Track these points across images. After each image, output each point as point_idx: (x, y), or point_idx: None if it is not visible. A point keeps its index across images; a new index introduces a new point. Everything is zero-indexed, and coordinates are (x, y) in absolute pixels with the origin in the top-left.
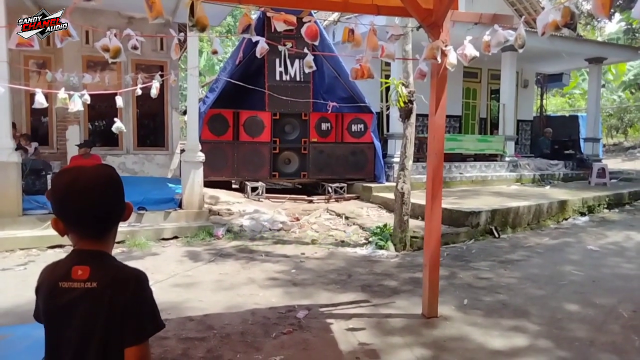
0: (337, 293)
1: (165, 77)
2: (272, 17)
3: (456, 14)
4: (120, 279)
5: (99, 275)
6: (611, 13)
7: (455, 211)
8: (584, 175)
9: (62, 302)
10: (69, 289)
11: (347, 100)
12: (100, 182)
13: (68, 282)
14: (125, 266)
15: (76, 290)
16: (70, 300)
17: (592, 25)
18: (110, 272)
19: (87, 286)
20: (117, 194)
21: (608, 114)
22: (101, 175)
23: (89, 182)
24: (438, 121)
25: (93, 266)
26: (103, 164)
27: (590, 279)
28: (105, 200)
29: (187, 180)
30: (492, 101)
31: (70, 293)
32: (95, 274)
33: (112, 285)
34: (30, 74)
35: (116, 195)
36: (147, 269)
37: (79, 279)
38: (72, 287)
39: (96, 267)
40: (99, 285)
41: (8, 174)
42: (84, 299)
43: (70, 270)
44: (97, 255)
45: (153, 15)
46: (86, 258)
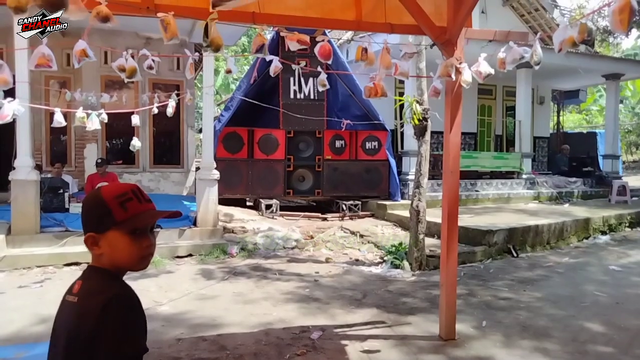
0: (352, 313)
1: (181, 96)
2: (286, 36)
3: (470, 32)
4: (91, 299)
5: (82, 290)
6: (629, 28)
7: (472, 229)
8: (603, 192)
9: (59, 313)
10: (65, 301)
11: (361, 118)
12: (84, 203)
13: (68, 295)
14: (105, 286)
15: (66, 302)
16: (60, 312)
17: (608, 42)
18: (90, 289)
19: (72, 300)
20: (87, 217)
21: (627, 130)
22: (88, 196)
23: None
24: (453, 139)
25: (84, 281)
26: (99, 187)
27: (613, 300)
28: (82, 220)
29: (202, 198)
30: (508, 118)
31: (64, 305)
32: (81, 289)
33: (85, 303)
34: (51, 94)
35: (86, 218)
36: (161, 287)
37: (73, 293)
38: (67, 299)
39: (85, 282)
40: (78, 301)
41: (27, 191)
42: (66, 311)
43: (74, 284)
44: (90, 271)
45: (168, 36)
46: (84, 272)
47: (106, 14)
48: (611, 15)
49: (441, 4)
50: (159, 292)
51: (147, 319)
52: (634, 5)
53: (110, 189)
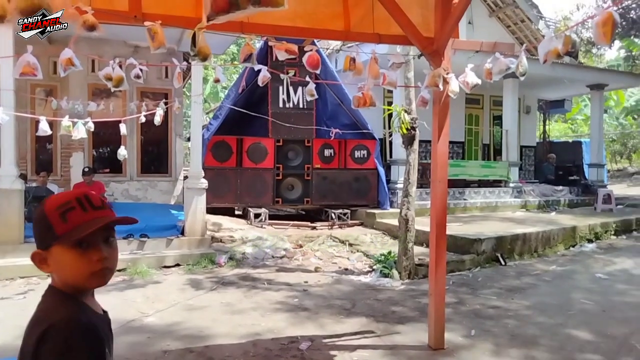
0: (341, 323)
1: (169, 104)
2: (274, 46)
3: (457, 42)
4: (33, 328)
5: (32, 317)
6: (611, 40)
7: (460, 238)
8: (589, 201)
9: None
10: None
11: (350, 127)
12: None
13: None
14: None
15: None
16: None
17: (592, 53)
18: (37, 315)
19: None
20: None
21: (611, 139)
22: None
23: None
24: (441, 148)
25: (38, 304)
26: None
27: (600, 308)
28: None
29: (189, 207)
30: (495, 127)
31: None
32: (33, 315)
33: (27, 334)
34: (37, 102)
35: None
36: (148, 297)
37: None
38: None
39: (38, 305)
40: (25, 330)
41: (11, 201)
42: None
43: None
44: (46, 291)
45: (155, 45)
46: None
47: (92, 22)
48: (594, 28)
49: (428, 15)
50: (146, 302)
51: (133, 330)
52: (616, 19)
53: (53, 199)
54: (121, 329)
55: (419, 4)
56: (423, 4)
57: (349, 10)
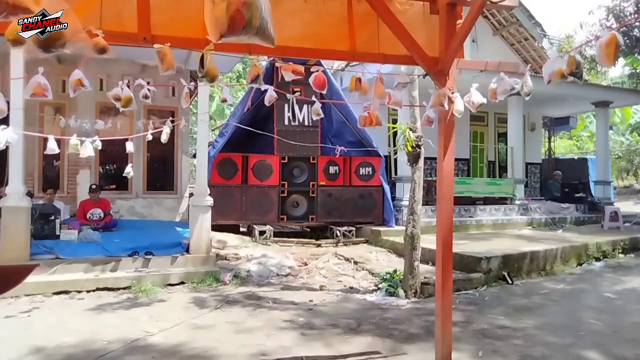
0: (347, 343)
1: (176, 122)
2: (281, 67)
3: (462, 62)
4: None
5: None
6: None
7: (467, 256)
8: (596, 218)
9: None
10: None
11: (355, 144)
12: None
13: None
14: None
15: None
16: None
17: (596, 70)
18: None
19: None
20: None
21: (617, 156)
22: None
23: None
24: (447, 167)
25: None
26: None
27: (610, 329)
28: None
29: (195, 225)
30: (500, 144)
31: None
32: None
33: None
34: (46, 119)
35: None
36: (152, 316)
37: None
38: None
39: None
40: None
41: (18, 218)
42: None
43: None
44: None
45: (164, 67)
46: None
47: (103, 45)
48: (598, 49)
49: (433, 36)
50: (150, 321)
51: (137, 350)
52: (620, 40)
53: None
54: (126, 349)
55: (424, 24)
56: (428, 24)
57: (354, 31)
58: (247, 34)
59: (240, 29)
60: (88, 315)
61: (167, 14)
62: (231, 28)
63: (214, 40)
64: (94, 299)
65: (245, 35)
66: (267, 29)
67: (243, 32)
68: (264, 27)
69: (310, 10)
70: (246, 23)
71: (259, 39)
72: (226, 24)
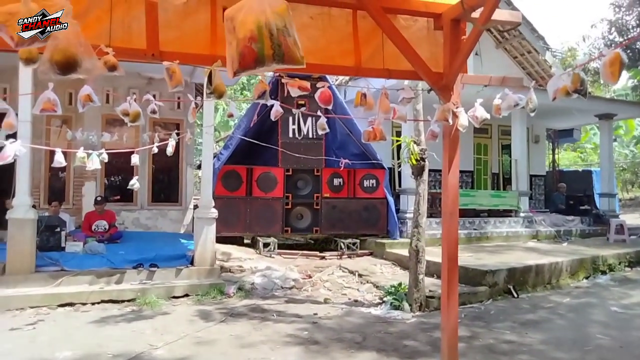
0: (351, 357)
1: (181, 135)
2: (287, 83)
3: (466, 77)
4: None
5: None
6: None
7: (472, 269)
8: (601, 231)
9: None
10: None
11: (359, 157)
12: None
13: None
14: None
15: None
16: None
17: (599, 83)
18: None
19: None
20: None
21: (622, 168)
22: None
23: None
24: (451, 181)
25: None
26: None
27: (617, 343)
28: None
29: (199, 237)
30: (504, 156)
31: None
32: None
33: None
34: (52, 130)
35: None
36: (156, 329)
37: None
38: None
39: None
40: None
41: (24, 230)
42: None
43: None
44: None
45: (173, 83)
46: None
47: (113, 63)
48: (602, 68)
49: (437, 51)
50: (154, 334)
51: None
52: (624, 59)
53: None
54: None
55: (428, 40)
56: (432, 40)
57: (359, 47)
58: (263, 65)
59: (252, 63)
60: (93, 328)
61: (175, 30)
62: (242, 64)
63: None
64: (99, 311)
65: (263, 67)
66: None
67: (258, 65)
68: (283, 52)
69: (316, 26)
70: (257, 56)
71: (283, 64)
72: (237, 61)
